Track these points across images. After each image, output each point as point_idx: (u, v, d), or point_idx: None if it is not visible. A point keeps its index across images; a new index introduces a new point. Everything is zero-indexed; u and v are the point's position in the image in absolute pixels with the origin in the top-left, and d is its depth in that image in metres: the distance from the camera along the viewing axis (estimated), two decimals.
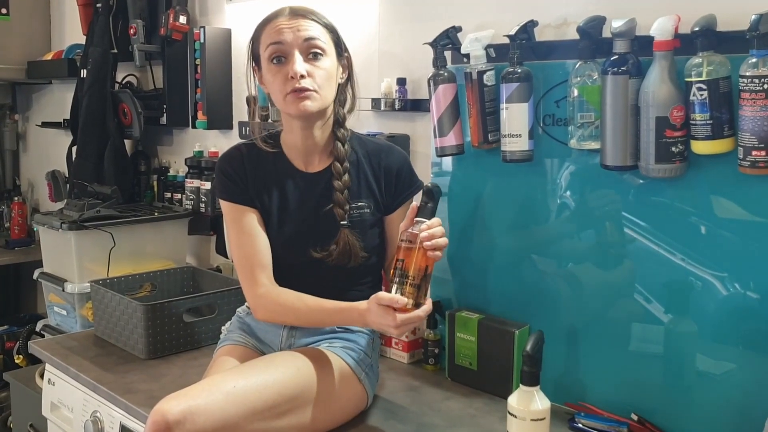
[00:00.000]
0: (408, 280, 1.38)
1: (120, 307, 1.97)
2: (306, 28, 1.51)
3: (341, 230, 1.56)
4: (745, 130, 1.31)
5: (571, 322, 1.64)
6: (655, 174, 1.43)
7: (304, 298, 1.52)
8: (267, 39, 1.52)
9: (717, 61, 1.33)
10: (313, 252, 1.56)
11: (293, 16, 1.52)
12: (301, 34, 1.50)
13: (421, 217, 1.41)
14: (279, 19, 1.52)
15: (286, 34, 1.50)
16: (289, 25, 1.50)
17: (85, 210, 2.43)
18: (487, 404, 1.65)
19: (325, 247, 1.56)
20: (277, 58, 1.51)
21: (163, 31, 2.64)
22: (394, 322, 1.37)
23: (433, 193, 1.44)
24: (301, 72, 1.48)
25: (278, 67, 1.51)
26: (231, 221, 1.61)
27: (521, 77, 1.60)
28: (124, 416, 1.67)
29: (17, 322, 3.38)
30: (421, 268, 1.38)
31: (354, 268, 1.57)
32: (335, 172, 1.58)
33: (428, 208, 1.43)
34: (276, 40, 1.50)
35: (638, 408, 1.53)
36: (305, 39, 1.50)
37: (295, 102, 1.50)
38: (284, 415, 1.41)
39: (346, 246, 1.55)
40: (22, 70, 3.43)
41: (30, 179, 3.77)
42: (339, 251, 1.55)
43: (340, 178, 1.57)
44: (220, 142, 2.62)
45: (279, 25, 1.51)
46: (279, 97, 1.53)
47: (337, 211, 1.56)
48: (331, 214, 1.57)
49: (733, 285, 1.41)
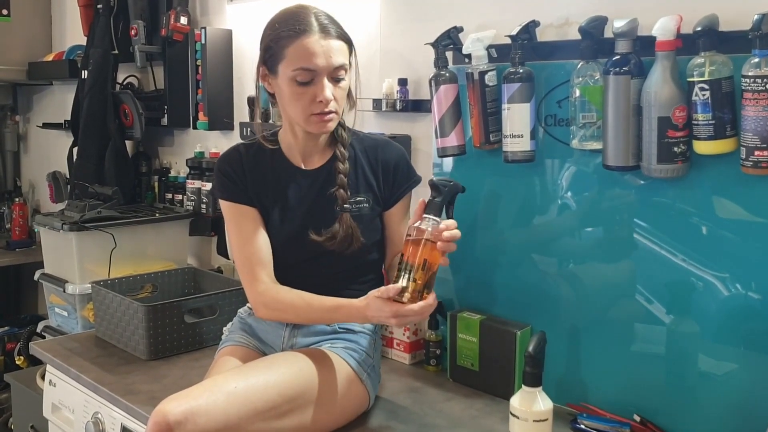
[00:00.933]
0: (410, 272, 1.38)
1: (121, 308, 1.97)
2: (337, 53, 1.48)
3: (342, 214, 1.56)
4: (747, 130, 1.30)
5: (572, 323, 1.64)
6: (657, 174, 1.42)
7: (303, 296, 1.52)
8: (296, 60, 1.46)
9: (719, 61, 1.33)
10: (315, 236, 1.55)
11: (324, 36, 1.47)
12: (333, 60, 1.47)
13: (428, 213, 1.42)
14: (311, 38, 1.46)
15: (319, 60, 1.46)
16: (322, 48, 1.46)
17: (86, 211, 2.43)
18: (489, 405, 1.65)
19: (327, 230, 1.55)
20: (304, 81, 1.48)
21: (164, 31, 2.64)
22: (391, 311, 1.37)
23: (439, 188, 1.44)
24: (330, 98, 1.48)
25: (304, 89, 1.48)
26: (231, 221, 1.61)
27: (523, 77, 1.59)
28: (125, 417, 1.67)
29: (18, 323, 3.38)
30: (425, 263, 1.38)
31: (355, 265, 1.57)
32: (339, 153, 1.58)
33: (435, 203, 1.43)
34: (308, 66, 1.46)
35: (640, 409, 1.53)
36: (336, 67, 1.48)
37: (319, 124, 1.51)
38: (285, 416, 1.40)
39: (348, 229, 1.55)
40: (22, 71, 3.43)
41: (31, 180, 3.77)
42: (342, 233, 1.55)
43: (343, 161, 1.58)
44: (220, 142, 2.62)
45: (311, 47, 1.46)
46: (300, 115, 1.51)
47: (340, 194, 1.57)
48: (332, 200, 1.57)
49: (735, 285, 1.41)
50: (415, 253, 1.39)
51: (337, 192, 1.57)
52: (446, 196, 1.45)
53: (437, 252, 1.39)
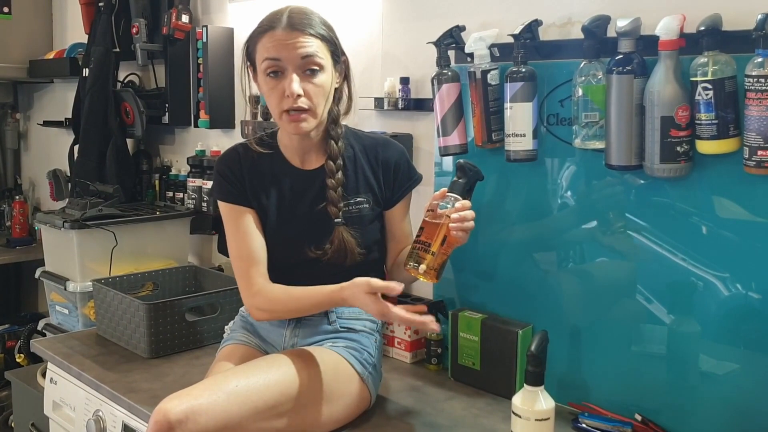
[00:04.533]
0: (429, 246, 1.41)
1: (122, 306, 1.97)
2: (303, 45, 1.47)
3: (336, 228, 1.56)
4: (750, 129, 1.30)
5: (574, 322, 1.63)
6: (659, 174, 1.42)
7: (290, 291, 1.52)
8: (263, 52, 1.50)
9: (722, 61, 1.33)
10: (309, 251, 1.56)
11: (291, 30, 1.47)
12: (299, 51, 1.47)
13: (452, 192, 1.45)
14: (276, 31, 1.48)
15: (282, 51, 1.47)
16: (287, 40, 1.47)
17: (87, 209, 2.43)
18: (490, 404, 1.65)
19: (320, 246, 1.56)
20: (273, 73, 1.49)
21: (165, 30, 2.63)
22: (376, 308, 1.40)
23: (465, 169, 1.47)
24: (297, 92, 1.47)
25: (274, 81, 1.49)
26: (228, 222, 1.61)
27: (525, 76, 1.59)
28: (126, 415, 1.67)
29: (19, 321, 3.37)
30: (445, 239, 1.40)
31: (353, 266, 1.57)
32: (328, 170, 1.57)
33: (459, 183, 1.46)
34: (272, 56, 1.48)
35: (642, 408, 1.53)
36: (303, 57, 1.47)
37: (291, 123, 1.51)
38: (286, 415, 1.40)
39: (341, 244, 1.55)
40: (23, 68, 3.42)
41: (31, 178, 3.76)
42: (334, 249, 1.55)
43: (333, 176, 1.57)
44: (222, 141, 2.62)
45: (276, 39, 1.48)
46: (275, 112, 1.52)
47: (331, 209, 1.56)
48: (325, 213, 1.56)
49: (738, 286, 1.40)
50: (434, 230, 1.41)
51: (328, 208, 1.56)
52: (471, 178, 1.48)
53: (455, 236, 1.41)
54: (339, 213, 1.56)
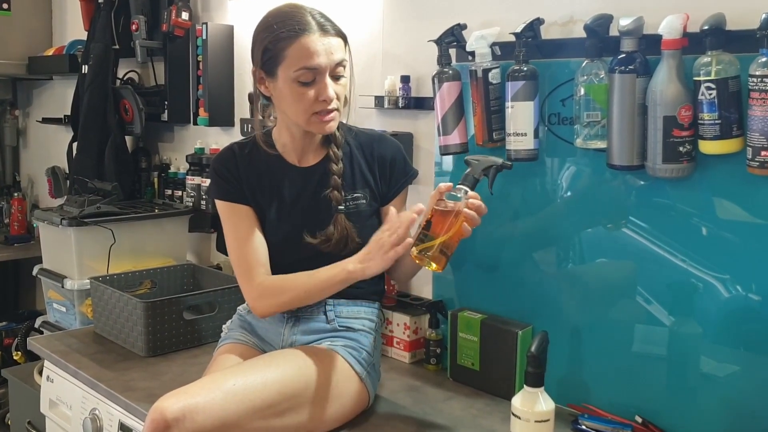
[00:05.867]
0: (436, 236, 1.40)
1: (120, 304, 1.96)
2: (337, 50, 1.47)
3: (337, 215, 1.55)
4: (754, 130, 1.29)
5: (574, 323, 1.63)
6: (662, 174, 1.41)
7: (295, 276, 1.52)
8: (297, 60, 1.44)
9: (726, 60, 1.32)
10: (310, 238, 1.55)
11: (323, 34, 1.45)
12: (334, 57, 1.46)
13: (462, 185, 1.45)
14: (311, 36, 1.44)
15: (321, 59, 1.45)
16: (324, 46, 1.45)
17: (85, 206, 2.42)
18: (489, 405, 1.64)
19: (321, 232, 1.55)
20: (307, 82, 1.47)
21: (165, 27, 2.63)
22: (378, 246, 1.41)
23: (470, 162, 1.49)
24: (333, 97, 1.48)
25: (306, 89, 1.47)
26: (227, 221, 1.60)
27: (527, 75, 1.58)
28: (123, 414, 1.66)
29: (16, 319, 3.36)
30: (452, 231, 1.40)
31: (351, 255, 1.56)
32: (333, 155, 1.57)
33: (469, 176, 1.47)
34: (311, 65, 1.44)
35: (642, 410, 1.52)
36: (337, 63, 1.47)
37: (321, 124, 1.50)
38: (284, 414, 1.40)
39: (343, 231, 1.54)
40: (23, 65, 3.42)
41: (30, 175, 3.75)
42: (337, 235, 1.54)
43: (337, 162, 1.57)
44: (221, 139, 2.61)
45: (312, 46, 1.44)
46: (302, 116, 1.50)
47: (334, 195, 1.56)
48: (327, 201, 1.56)
49: (739, 287, 1.40)
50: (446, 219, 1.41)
51: (331, 194, 1.56)
52: (476, 168, 1.48)
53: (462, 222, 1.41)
54: (341, 199, 1.56)
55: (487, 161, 1.50)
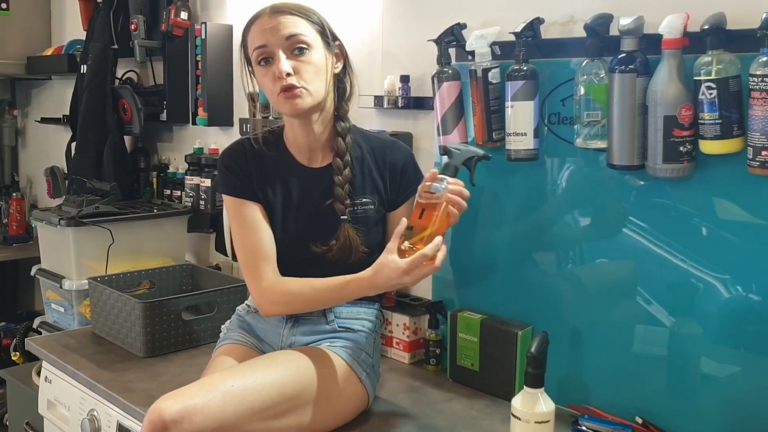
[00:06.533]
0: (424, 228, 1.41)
1: (118, 304, 1.95)
2: (286, 26, 1.49)
3: (342, 225, 1.54)
4: (754, 129, 1.29)
5: (574, 324, 1.62)
6: (662, 174, 1.41)
7: (309, 282, 1.50)
8: (252, 42, 1.52)
9: (726, 60, 1.32)
10: (314, 247, 1.54)
11: (273, 15, 1.50)
12: (283, 32, 1.48)
13: (443, 174, 1.45)
14: (261, 19, 1.51)
15: (268, 35, 1.49)
16: (271, 24, 1.49)
17: (83, 206, 2.42)
18: (489, 406, 1.64)
19: (325, 242, 1.54)
20: (264, 60, 1.51)
21: (164, 26, 2.62)
22: (401, 269, 1.38)
23: (450, 151, 1.51)
24: (286, 70, 1.47)
25: (266, 69, 1.51)
26: (234, 216, 1.59)
27: (527, 75, 1.58)
28: (121, 415, 1.65)
29: (14, 319, 3.36)
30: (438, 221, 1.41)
31: (357, 264, 1.55)
32: (335, 167, 1.56)
33: (450, 165, 1.49)
34: (259, 43, 1.50)
35: (642, 411, 1.52)
36: (287, 37, 1.48)
37: (286, 102, 1.50)
38: (283, 415, 1.39)
39: (347, 241, 1.54)
40: (21, 65, 3.41)
41: (28, 175, 3.75)
42: (339, 246, 1.54)
43: (340, 173, 1.56)
44: (220, 138, 2.60)
45: (261, 27, 1.50)
46: (272, 98, 1.53)
47: (338, 206, 1.55)
48: (332, 210, 1.55)
49: (739, 288, 1.39)
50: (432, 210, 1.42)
51: (335, 204, 1.55)
52: (457, 158, 1.49)
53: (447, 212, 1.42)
54: (345, 210, 1.55)
55: (467, 152, 1.51)
